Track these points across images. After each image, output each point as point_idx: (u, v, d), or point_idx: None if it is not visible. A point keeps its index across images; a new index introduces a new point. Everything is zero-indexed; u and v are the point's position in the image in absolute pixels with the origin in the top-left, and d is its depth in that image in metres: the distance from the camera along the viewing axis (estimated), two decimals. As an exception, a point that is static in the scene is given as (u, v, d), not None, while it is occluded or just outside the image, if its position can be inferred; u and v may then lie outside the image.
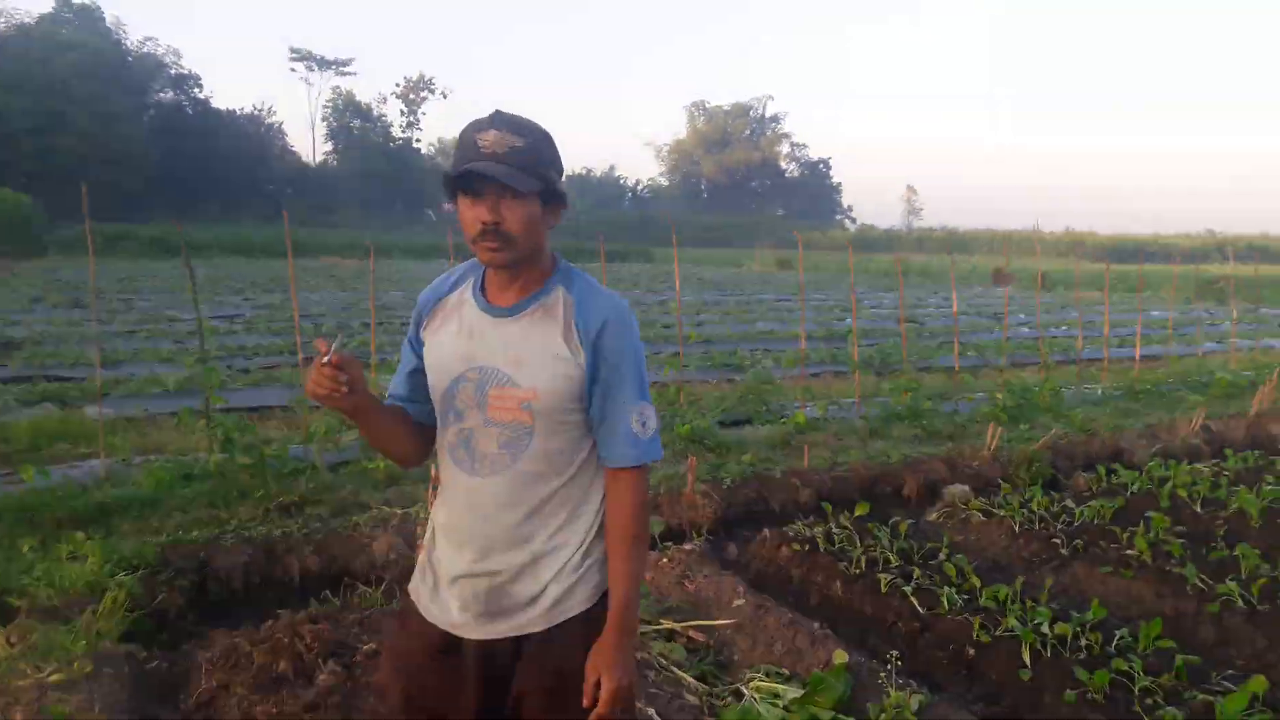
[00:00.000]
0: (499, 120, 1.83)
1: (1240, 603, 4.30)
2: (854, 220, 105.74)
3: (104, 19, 56.33)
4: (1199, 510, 5.69)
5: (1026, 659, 3.72)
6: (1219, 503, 5.76)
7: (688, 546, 5.09)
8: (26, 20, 52.75)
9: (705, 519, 5.81)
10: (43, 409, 8.20)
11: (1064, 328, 18.00)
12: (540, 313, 1.94)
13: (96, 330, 10.81)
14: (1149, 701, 3.39)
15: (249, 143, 64.03)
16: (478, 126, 1.83)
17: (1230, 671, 3.70)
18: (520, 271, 1.93)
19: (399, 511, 5.38)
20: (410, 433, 2.08)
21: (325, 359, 1.78)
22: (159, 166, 53.04)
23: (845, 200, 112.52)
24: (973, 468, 6.98)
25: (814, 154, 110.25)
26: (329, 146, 73.73)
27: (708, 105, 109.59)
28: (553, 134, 1.91)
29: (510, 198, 1.82)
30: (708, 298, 23.90)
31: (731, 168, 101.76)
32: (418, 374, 2.07)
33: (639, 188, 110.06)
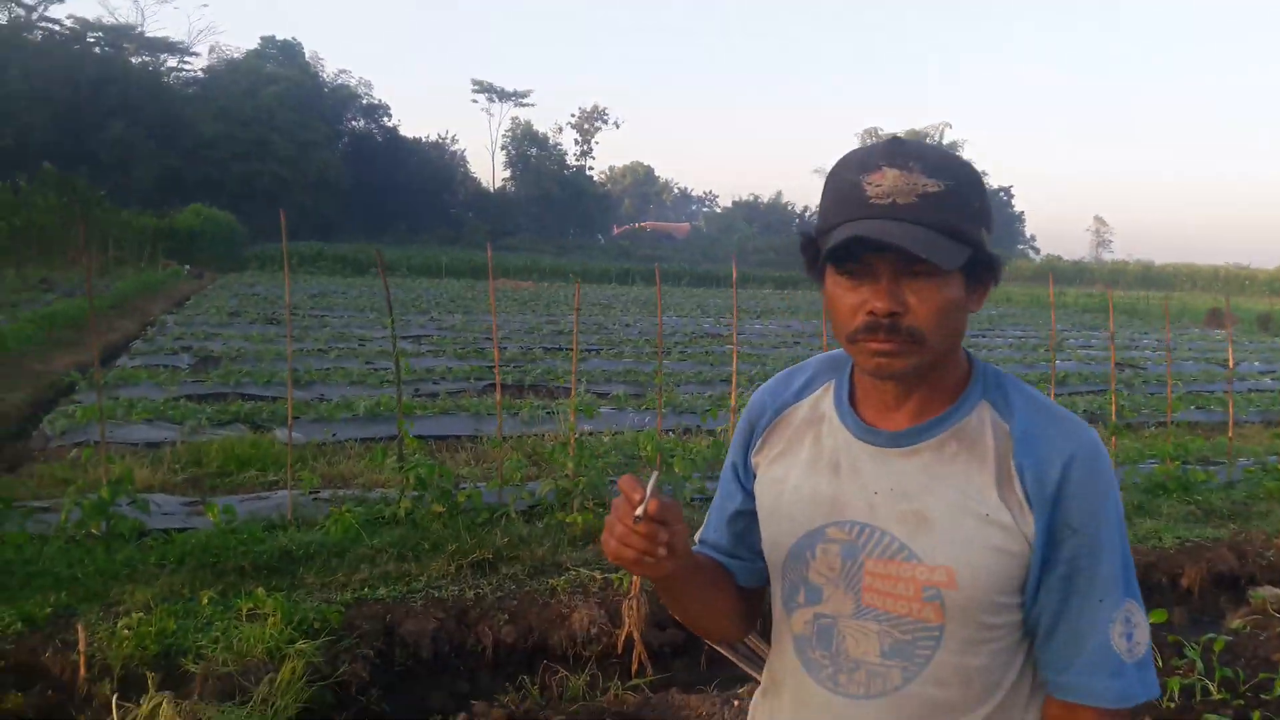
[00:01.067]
0: (899, 152, 1.15)
1: None
2: (1037, 251, 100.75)
3: (304, 53, 59.91)
4: None
5: None
6: None
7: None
8: (235, 55, 56.74)
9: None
10: (235, 429, 8.14)
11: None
12: (955, 445, 1.24)
13: (291, 350, 10.85)
14: None
15: (434, 169, 66.73)
16: (864, 164, 1.16)
17: None
18: (922, 380, 1.24)
19: (599, 575, 4.77)
20: (733, 604, 1.42)
21: (639, 510, 1.13)
22: (351, 191, 55.82)
23: (1028, 230, 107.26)
24: (1266, 558, 5.80)
25: (994, 182, 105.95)
26: (507, 174, 76.20)
27: (880, 132, 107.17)
28: (977, 175, 1.21)
29: (920, 277, 1.15)
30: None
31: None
32: (745, 518, 1.41)
33: (807, 214, 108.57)
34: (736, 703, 3.58)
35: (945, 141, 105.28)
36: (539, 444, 7.94)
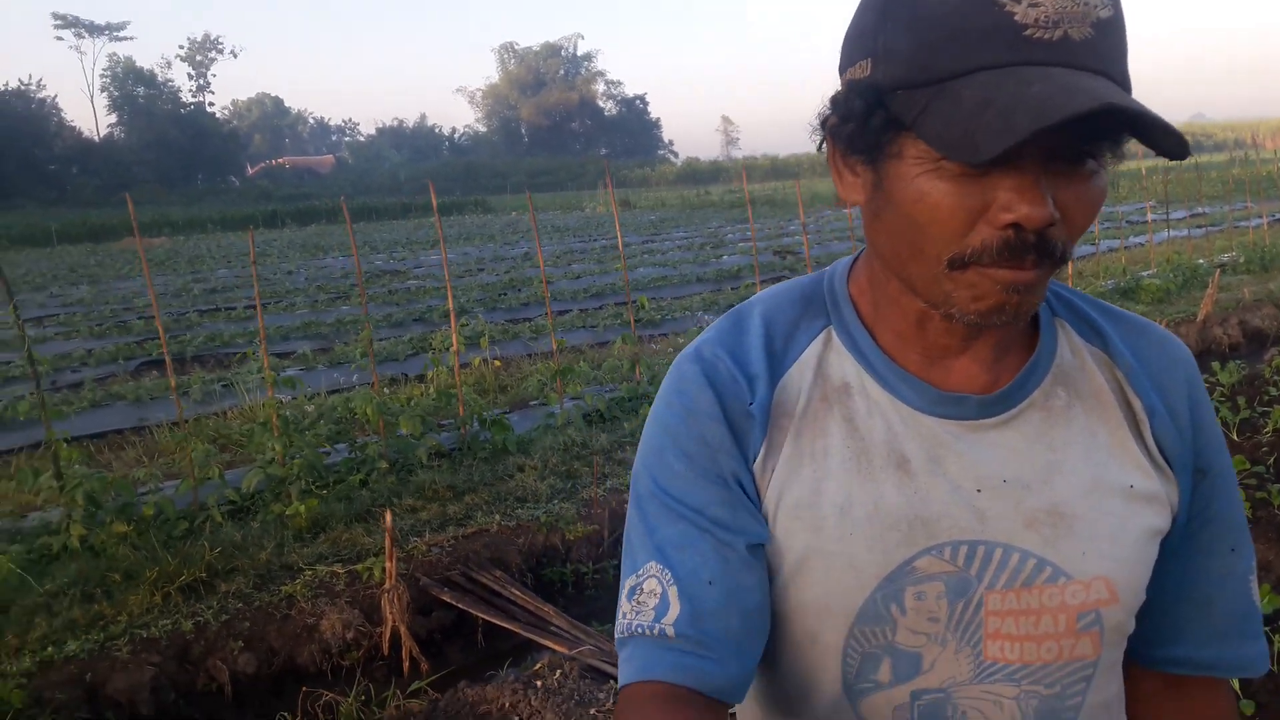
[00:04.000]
0: None
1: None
2: (676, 155, 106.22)
3: None
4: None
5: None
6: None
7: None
8: None
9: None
10: None
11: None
12: (1064, 395, 0.84)
13: None
14: None
15: (18, 121, 57.43)
16: None
17: None
18: None
19: (342, 570, 4.16)
20: None
21: None
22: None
23: (666, 135, 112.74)
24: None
25: (630, 90, 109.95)
26: (113, 119, 67.54)
27: (517, 47, 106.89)
28: None
29: (1073, 164, 0.70)
30: (574, 245, 22.63)
31: (549, 109, 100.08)
32: (752, 565, 0.82)
33: (456, 135, 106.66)
34: (540, 683, 3.23)
35: (579, 53, 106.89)
36: (223, 425, 6.95)
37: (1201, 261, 12.00)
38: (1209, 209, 21.69)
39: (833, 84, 0.80)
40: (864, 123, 0.73)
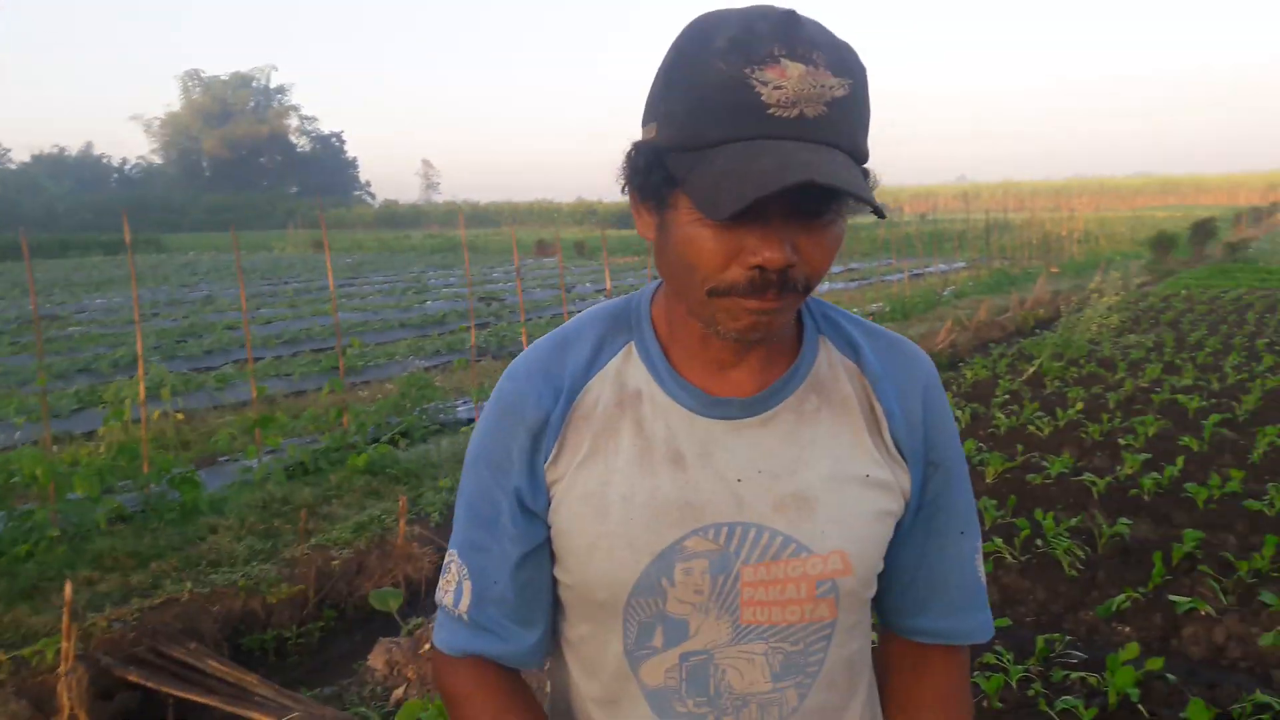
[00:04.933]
0: (799, 35, 0.81)
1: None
2: (374, 196, 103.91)
3: None
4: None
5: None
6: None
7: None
8: None
9: (425, 572, 4.81)
10: None
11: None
12: (815, 399, 1.01)
13: None
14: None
15: None
16: (748, 49, 0.80)
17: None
18: None
19: (5, 656, 3.67)
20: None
21: None
22: None
23: (363, 176, 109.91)
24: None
25: (326, 127, 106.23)
26: None
27: (203, 75, 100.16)
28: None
29: (816, 216, 0.85)
30: (263, 289, 21.35)
31: (236, 142, 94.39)
32: (535, 562, 1.02)
33: (127, 167, 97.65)
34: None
35: (272, 85, 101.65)
36: None
37: (856, 310, 13.61)
38: (859, 264, 24.58)
39: (528, 141, 0.95)
40: (648, 177, 0.89)
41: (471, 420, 7.22)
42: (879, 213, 0.84)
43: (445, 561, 1.05)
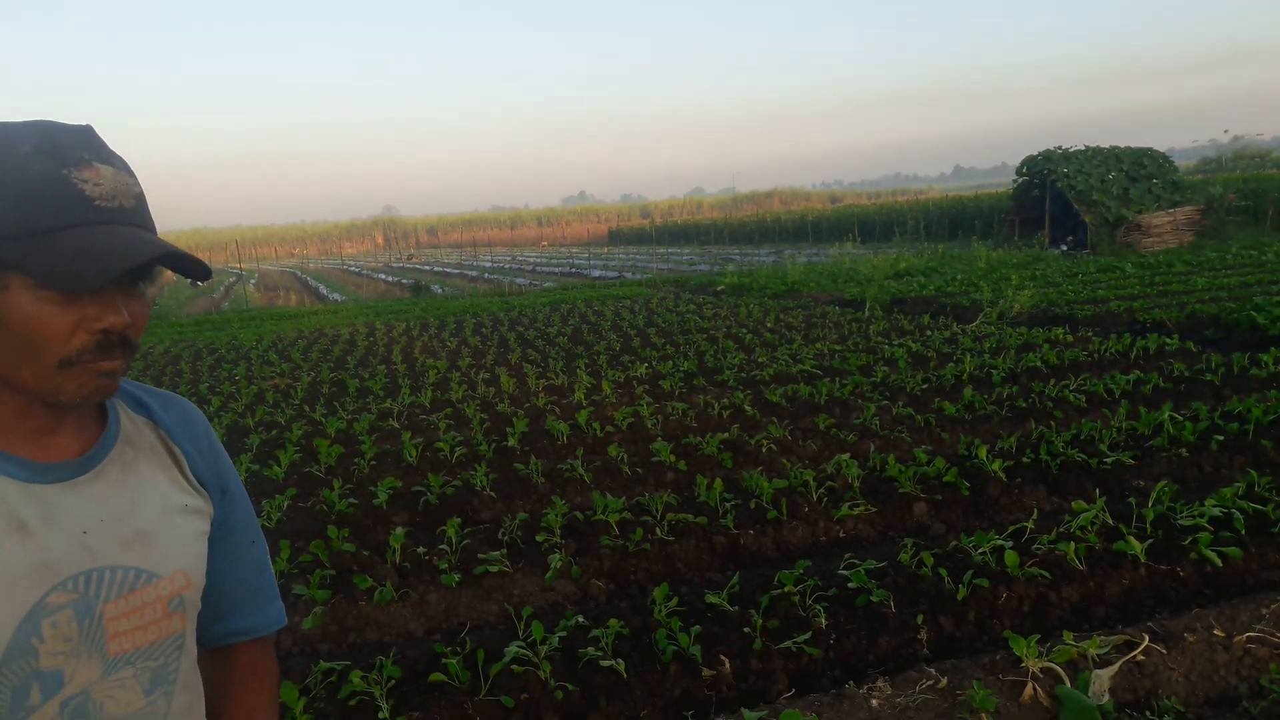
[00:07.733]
0: (99, 146, 1.06)
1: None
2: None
3: None
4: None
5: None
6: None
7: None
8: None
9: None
10: None
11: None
12: (131, 451, 1.21)
13: None
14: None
15: None
16: (61, 155, 1.02)
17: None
18: None
19: None
20: None
21: None
22: None
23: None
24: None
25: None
26: None
27: None
28: None
29: (134, 285, 1.10)
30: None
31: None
32: None
33: None
34: None
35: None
36: None
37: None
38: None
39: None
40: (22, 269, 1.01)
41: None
42: (206, 274, 1.11)
43: None
